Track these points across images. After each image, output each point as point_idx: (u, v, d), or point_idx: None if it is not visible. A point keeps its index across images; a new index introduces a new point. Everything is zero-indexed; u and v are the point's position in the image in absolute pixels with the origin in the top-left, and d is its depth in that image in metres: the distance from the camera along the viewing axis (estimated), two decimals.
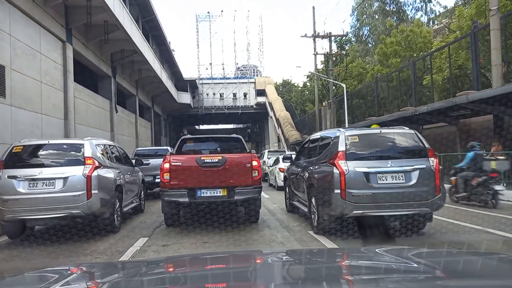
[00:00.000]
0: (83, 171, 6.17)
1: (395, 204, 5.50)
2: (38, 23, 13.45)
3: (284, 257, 2.10)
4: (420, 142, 5.94)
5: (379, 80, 19.23)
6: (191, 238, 6.29)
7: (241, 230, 6.78)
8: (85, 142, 6.58)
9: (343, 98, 26.36)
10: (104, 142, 7.79)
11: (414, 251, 1.95)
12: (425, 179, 5.62)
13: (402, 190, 5.56)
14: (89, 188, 6.11)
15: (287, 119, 37.98)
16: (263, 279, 1.63)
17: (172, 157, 6.82)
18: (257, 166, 6.74)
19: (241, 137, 8.37)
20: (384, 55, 21.42)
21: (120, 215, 7.12)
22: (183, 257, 2.73)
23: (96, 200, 6.18)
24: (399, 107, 20.43)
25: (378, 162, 5.72)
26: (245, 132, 61.55)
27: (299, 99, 43.91)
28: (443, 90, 16.51)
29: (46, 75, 13.98)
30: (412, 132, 6.15)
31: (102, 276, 1.75)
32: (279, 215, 8.65)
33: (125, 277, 1.72)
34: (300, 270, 1.80)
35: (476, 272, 1.61)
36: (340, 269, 1.80)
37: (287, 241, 5.94)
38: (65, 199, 6.01)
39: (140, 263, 2.21)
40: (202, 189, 6.59)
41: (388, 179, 5.62)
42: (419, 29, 20.90)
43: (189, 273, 1.80)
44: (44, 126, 13.56)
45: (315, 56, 25.90)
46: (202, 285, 1.58)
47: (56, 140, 7.44)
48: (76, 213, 6.10)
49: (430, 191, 5.64)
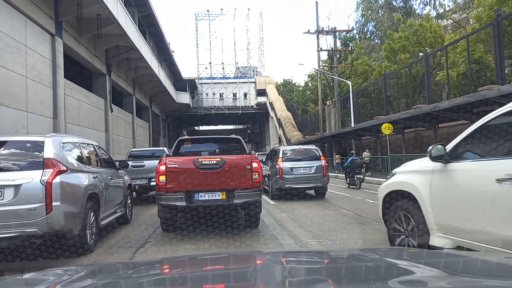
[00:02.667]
0: (41, 176, 4.79)
1: (305, 182, 11.22)
2: (24, 14, 12.47)
3: (283, 258, 2.11)
4: (318, 152, 11.88)
5: (387, 77, 18.25)
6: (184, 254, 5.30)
7: (242, 237, 6.32)
8: (47, 139, 5.19)
9: (348, 96, 25.41)
10: (76, 140, 6.33)
11: (413, 252, 1.98)
12: (319, 170, 11.32)
13: (308, 176, 11.27)
14: (49, 199, 4.74)
15: (289, 119, 37.04)
16: (261, 280, 1.63)
17: (168, 159, 6.41)
18: (257, 168, 6.40)
19: (240, 137, 7.92)
20: (392, 51, 20.42)
21: (95, 231, 5.78)
22: (183, 258, 2.73)
23: (58, 215, 4.79)
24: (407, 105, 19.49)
25: (297, 162, 11.46)
26: (245, 133, 60.76)
27: (301, 98, 42.96)
28: (457, 86, 15.53)
29: (33, 70, 12.99)
30: (314, 147, 12.28)
31: (102, 276, 1.73)
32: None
33: (125, 277, 1.70)
34: (299, 271, 1.82)
35: (476, 272, 1.63)
36: (339, 270, 1.78)
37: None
38: (16, 214, 4.60)
39: (140, 264, 2.15)
40: (200, 192, 6.27)
41: (301, 170, 11.33)
42: (429, 23, 19.91)
43: (189, 273, 1.81)
44: (30, 125, 12.57)
45: (319, 52, 24.94)
46: (202, 286, 1.60)
47: (7, 136, 5.75)
48: (31, 231, 4.65)
49: (321, 176, 11.30)
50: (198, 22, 49.12)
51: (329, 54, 30.30)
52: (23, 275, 1.77)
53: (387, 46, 20.84)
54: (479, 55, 13.70)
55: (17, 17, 12.17)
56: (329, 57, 30.25)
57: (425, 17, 21.73)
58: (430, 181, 4.00)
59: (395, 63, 20.40)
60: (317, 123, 31.80)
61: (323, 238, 5.98)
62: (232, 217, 7.16)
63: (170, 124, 47.97)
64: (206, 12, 48.84)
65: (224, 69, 50.03)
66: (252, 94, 47.68)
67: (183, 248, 5.72)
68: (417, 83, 18.68)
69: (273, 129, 44.86)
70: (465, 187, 3.63)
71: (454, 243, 3.75)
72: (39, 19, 13.32)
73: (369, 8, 29.53)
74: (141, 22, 26.92)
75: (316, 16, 23.73)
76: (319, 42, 24.26)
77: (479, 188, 3.45)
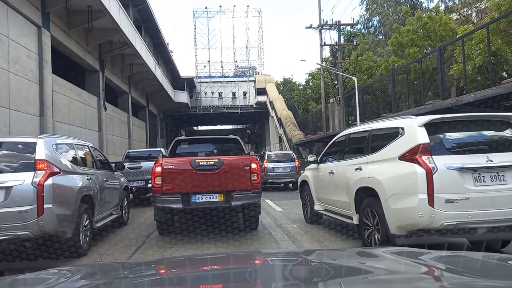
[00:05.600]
0: (32, 178, 4.77)
1: (283, 178, 15.79)
2: (6, 3, 11.44)
3: (282, 258, 2.11)
4: (293, 156, 16.93)
5: (395, 73, 17.30)
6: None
7: (242, 241, 6.18)
8: (39, 140, 5.18)
9: (351, 94, 24.43)
10: (70, 141, 6.31)
11: (414, 252, 1.99)
12: (293, 169, 15.71)
13: (285, 173, 15.65)
14: (40, 201, 4.71)
15: (290, 118, 36.01)
16: (261, 280, 1.62)
17: (164, 160, 6.32)
18: (256, 169, 6.34)
19: (238, 137, 7.83)
20: (399, 45, 19.46)
21: (89, 233, 5.77)
22: (181, 258, 2.70)
23: (50, 217, 4.76)
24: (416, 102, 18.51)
25: (277, 163, 15.85)
26: (244, 133, 59.84)
27: (301, 97, 41.95)
28: (472, 81, 14.57)
29: (16, 63, 11.98)
30: (291, 152, 18.52)
31: (100, 276, 1.73)
32: None
33: (123, 277, 1.71)
34: (299, 271, 1.80)
35: (476, 272, 1.61)
36: (339, 270, 1.75)
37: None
38: (7, 217, 4.60)
39: (138, 264, 2.17)
40: (197, 194, 6.18)
41: (280, 169, 15.74)
42: (439, 16, 18.96)
43: (187, 273, 1.80)
44: (13, 123, 11.56)
45: (322, 47, 23.96)
46: (199, 286, 1.58)
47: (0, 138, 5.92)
48: (22, 234, 4.66)
49: (295, 174, 15.24)
50: (196, 20, 48.06)
51: (332, 51, 29.31)
52: (22, 275, 1.76)
53: (394, 40, 19.88)
54: (497, 47, 12.76)
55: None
56: (332, 53, 29.25)
57: (435, 9, 20.79)
58: (312, 174, 7.20)
59: (402, 58, 19.42)
60: (319, 122, 30.78)
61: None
62: (232, 217, 7.05)
63: (168, 124, 46.93)
64: (204, 9, 47.79)
65: (223, 68, 49.02)
66: (251, 93, 46.66)
67: (182, 249, 5.77)
68: (426, 78, 17.70)
69: (273, 128, 43.87)
70: (321, 176, 6.79)
71: (322, 207, 6.74)
72: (24, 9, 12.31)
73: (374, 1, 28.55)
74: (136, 17, 25.91)
75: (319, 9, 22.84)
76: (322, 37, 23.36)
77: (323, 177, 6.60)
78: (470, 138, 4.75)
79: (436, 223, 4.11)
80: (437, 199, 4.13)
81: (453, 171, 4.20)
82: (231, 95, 46.75)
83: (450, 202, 4.13)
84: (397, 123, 4.90)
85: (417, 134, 4.40)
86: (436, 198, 4.13)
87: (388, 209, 4.46)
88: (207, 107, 45.83)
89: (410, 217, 4.24)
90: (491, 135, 4.80)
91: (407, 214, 4.28)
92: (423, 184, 4.15)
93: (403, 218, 4.32)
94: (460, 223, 4.13)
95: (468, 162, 4.26)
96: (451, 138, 4.68)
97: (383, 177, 4.63)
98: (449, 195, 4.15)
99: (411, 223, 4.25)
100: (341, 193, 5.68)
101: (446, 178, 4.18)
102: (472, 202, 4.15)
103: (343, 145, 6.24)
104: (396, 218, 4.38)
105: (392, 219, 4.41)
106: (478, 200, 4.17)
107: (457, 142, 4.67)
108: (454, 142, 4.67)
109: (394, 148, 4.66)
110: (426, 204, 4.13)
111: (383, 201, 4.52)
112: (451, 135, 4.69)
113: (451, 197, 4.14)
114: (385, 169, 4.67)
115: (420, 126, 4.43)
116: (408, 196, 4.29)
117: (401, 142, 4.58)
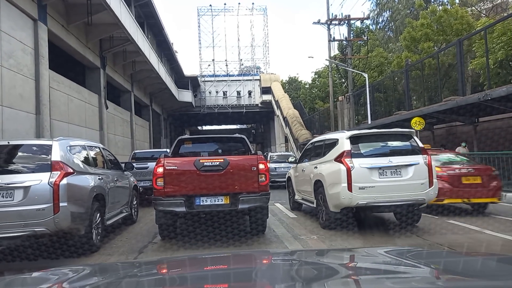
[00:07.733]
0: (49, 178, 5.13)
1: (284, 177, 12.01)
2: None
3: (286, 258, 2.12)
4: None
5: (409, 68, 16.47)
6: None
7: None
8: (54, 143, 5.52)
9: (361, 92, 23.60)
10: (82, 143, 6.63)
11: (415, 252, 2.02)
12: (284, 170, 14.55)
13: (285, 173, 11.63)
14: (56, 200, 5.09)
15: (296, 117, 35.18)
16: (264, 279, 1.62)
17: (166, 160, 6.00)
18: (264, 170, 6.03)
19: (244, 137, 7.37)
20: (413, 40, 18.60)
21: (101, 231, 6.09)
22: (185, 257, 2.71)
23: (65, 215, 5.13)
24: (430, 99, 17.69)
25: (278, 164, 16.43)
26: (249, 132, 59.15)
27: (308, 96, 41.11)
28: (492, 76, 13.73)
29: (10, 58, 11.30)
30: (291, 153, 20.75)
31: (103, 276, 1.73)
32: None
33: (127, 277, 1.70)
34: (300, 270, 1.80)
35: (476, 272, 1.62)
36: (342, 269, 1.76)
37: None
38: (26, 214, 4.96)
39: (143, 263, 2.13)
40: (202, 197, 5.91)
41: (281, 169, 15.35)
42: (454, 9, 18.10)
43: (192, 273, 1.77)
44: (7, 121, 10.88)
45: (330, 42, 23.09)
46: (204, 286, 1.57)
47: (18, 140, 6.08)
48: (39, 231, 5.01)
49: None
50: (200, 18, 47.44)
51: (340, 47, 28.49)
52: (27, 274, 1.74)
53: (407, 35, 19.02)
54: None
55: None
56: (340, 50, 28.41)
57: (450, 1, 19.90)
58: (294, 171, 9.12)
59: (416, 53, 18.57)
60: (326, 121, 29.97)
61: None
62: (239, 219, 6.74)
63: (172, 123, 46.28)
64: (209, 7, 47.12)
65: (228, 66, 48.29)
66: (256, 92, 45.90)
67: (187, 245, 5.74)
68: (441, 74, 16.86)
69: (278, 128, 43.09)
70: (298, 173, 8.68)
71: (300, 196, 8.59)
72: (18, 1, 11.64)
73: None
74: (138, 13, 25.23)
75: (327, 3, 21.95)
76: (330, 32, 22.50)
77: (300, 173, 8.51)
78: (379, 147, 6.78)
79: (353, 202, 6.23)
80: (354, 187, 6.20)
81: (365, 169, 6.28)
82: (235, 94, 46.05)
83: (362, 189, 6.20)
84: (336, 136, 7.11)
85: (344, 144, 6.55)
86: (353, 186, 6.20)
87: (327, 194, 6.63)
88: (212, 107, 45.15)
89: (338, 199, 6.34)
90: (394, 144, 6.84)
91: (337, 197, 6.37)
92: (345, 177, 6.24)
93: (335, 200, 6.43)
94: (369, 202, 6.21)
95: (375, 163, 6.34)
96: (366, 147, 6.64)
97: (325, 172, 6.85)
98: (361, 184, 6.20)
99: (339, 203, 6.38)
100: (308, 185, 7.75)
101: (360, 173, 6.23)
102: (377, 189, 6.19)
103: (311, 150, 8.38)
104: (332, 200, 6.51)
105: (330, 201, 6.56)
106: (381, 187, 6.21)
107: (370, 149, 6.64)
108: (368, 149, 6.64)
109: (332, 153, 6.79)
110: (347, 190, 6.23)
111: (325, 189, 6.71)
112: (366, 145, 6.66)
113: (363, 185, 6.19)
114: (327, 167, 6.84)
115: (346, 138, 6.58)
116: (337, 185, 6.38)
117: (336, 149, 6.71)
